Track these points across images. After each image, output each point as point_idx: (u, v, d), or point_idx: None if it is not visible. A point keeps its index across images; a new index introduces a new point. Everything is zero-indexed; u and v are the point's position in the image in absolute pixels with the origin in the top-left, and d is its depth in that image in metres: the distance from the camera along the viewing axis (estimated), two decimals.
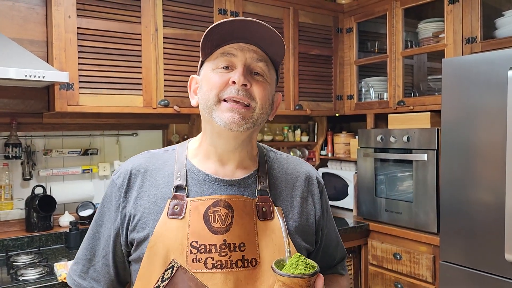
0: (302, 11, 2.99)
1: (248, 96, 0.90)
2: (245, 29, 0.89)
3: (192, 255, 0.87)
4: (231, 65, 0.91)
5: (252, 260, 0.89)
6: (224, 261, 0.87)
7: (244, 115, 0.89)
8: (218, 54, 0.92)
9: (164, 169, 0.98)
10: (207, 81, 0.93)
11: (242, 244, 0.89)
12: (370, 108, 3.05)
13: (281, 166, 1.03)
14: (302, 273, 0.79)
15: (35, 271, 1.96)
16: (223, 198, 0.92)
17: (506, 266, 1.93)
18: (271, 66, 0.96)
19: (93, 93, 2.25)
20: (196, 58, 2.55)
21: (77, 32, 2.19)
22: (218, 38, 0.91)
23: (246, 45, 0.92)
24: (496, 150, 1.97)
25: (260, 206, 0.94)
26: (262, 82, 0.92)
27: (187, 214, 0.90)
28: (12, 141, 2.32)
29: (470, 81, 2.08)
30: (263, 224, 0.92)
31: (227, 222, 0.90)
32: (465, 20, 2.43)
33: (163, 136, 2.91)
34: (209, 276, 0.86)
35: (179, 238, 0.89)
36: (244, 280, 0.88)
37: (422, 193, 2.54)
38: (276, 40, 0.91)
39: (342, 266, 1.15)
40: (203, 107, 0.94)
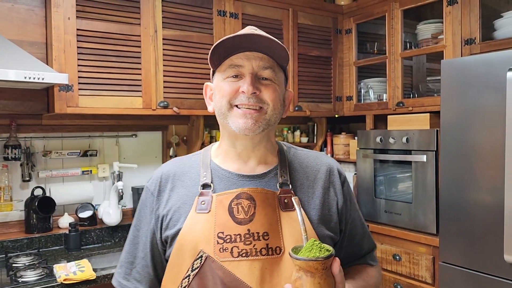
0: (302, 12, 2.99)
1: (259, 101, 0.96)
2: (249, 40, 0.95)
3: (219, 245, 0.93)
4: (239, 74, 0.97)
5: (276, 248, 0.94)
6: (249, 249, 0.93)
7: (257, 119, 0.96)
8: (227, 65, 0.98)
9: (191, 171, 1.05)
10: (219, 90, 1.00)
11: (266, 233, 0.94)
12: (369, 109, 3.06)
13: (302, 160, 1.08)
14: (316, 256, 0.81)
15: (35, 272, 1.96)
16: (245, 190, 0.98)
17: (505, 267, 1.93)
18: (278, 69, 1.01)
19: (93, 95, 2.25)
20: (195, 59, 2.56)
21: (76, 34, 2.19)
22: (224, 51, 0.97)
23: (252, 53, 0.97)
24: (495, 151, 1.97)
25: (282, 198, 0.99)
26: (271, 85, 0.98)
27: (213, 208, 0.97)
28: (11, 143, 2.32)
29: (469, 82, 2.08)
30: (286, 215, 0.97)
31: (250, 213, 0.96)
32: (464, 21, 2.43)
33: (163, 137, 2.91)
34: (236, 264, 0.92)
35: (207, 230, 0.95)
36: (269, 268, 0.93)
37: (421, 194, 2.55)
38: (279, 47, 0.96)
39: (371, 257, 1.17)
40: (218, 113, 1.01)
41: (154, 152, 2.89)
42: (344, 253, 1.10)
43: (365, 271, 1.12)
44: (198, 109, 2.58)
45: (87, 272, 1.95)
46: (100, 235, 2.56)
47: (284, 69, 1.04)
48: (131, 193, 2.78)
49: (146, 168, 2.84)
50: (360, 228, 1.14)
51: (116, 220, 2.55)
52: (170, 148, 2.91)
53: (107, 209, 2.54)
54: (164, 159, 2.91)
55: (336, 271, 0.84)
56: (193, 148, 2.88)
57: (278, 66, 1.01)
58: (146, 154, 2.85)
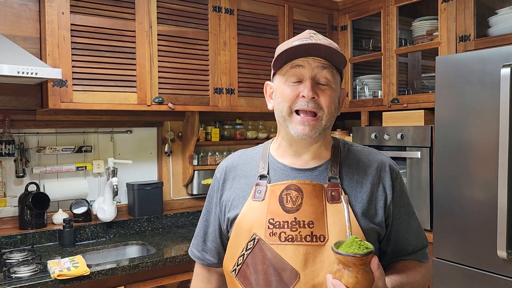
0: (297, 8, 2.99)
1: (316, 106, 1.04)
2: (309, 47, 1.03)
3: (269, 230, 1.04)
4: (300, 78, 1.06)
5: (321, 236, 1.03)
6: (294, 235, 1.03)
7: (314, 126, 1.05)
8: (288, 67, 1.07)
9: (252, 162, 1.18)
10: (280, 93, 1.09)
11: (311, 222, 1.03)
12: (365, 106, 3.06)
13: (355, 156, 1.15)
14: (354, 252, 0.87)
15: (28, 268, 1.95)
16: (294, 182, 1.08)
17: (498, 263, 1.95)
18: (335, 71, 1.08)
19: (87, 90, 2.24)
20: (190, 55, 2.55)
21: (70, 29, 2.18)
22: (286, 55, 1.06)
23: (311, 58, 1.05)
24: (489, 148, 1.98)
25: (329, 190, 1.07)
26: (328, 91, 1.06)
27: (267, 197, 1.08)
28: (5, 138, 2.30)
29: (464, 79, 2.08)
30: (332, 207, 1.05)
31: (297, 203, 1.05)
32: (458, 18, 2.44)
33: (158, 133, 2.90)
34: (282, 248, 1.02)
35: (260, 216, 1.07)
36: (313, 253, 1.02)
37: (415, 191, 2.56)
38: (337, 54, 1.04)
39: (422, 254, 1.19)
40: (278, 115, 1.11)
41: (149, 148, 2.88)
42: (392, 247, 1.14)
43: (412, 267, 1.14)
44: (193, 105, 2.57)
45: (81, 268, 1.94)
46: (95, 231, 2.56)
47: (340, 72, 1.11)
48: (126, 189, 2.78)
49: (141, 164, 2.84)
50: (409, 224, 1.16)
51: (111, 216, 2.54)
52: (165, 144, 2.90)
53: (102, 205, 2.54)
54: (159, 155, 2.90)
55: (374, 268, 0.89)
56: (188, 144, 2.87)
57: (335, 69, 1.08)
58: (141, 150, 2.85)
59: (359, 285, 0.87)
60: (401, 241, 1.15)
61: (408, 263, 1.15)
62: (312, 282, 1.00)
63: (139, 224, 2.72)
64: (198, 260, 1.26)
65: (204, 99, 2.61)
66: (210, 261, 1.23)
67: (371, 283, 0.89)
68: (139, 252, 2.51)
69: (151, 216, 2.75)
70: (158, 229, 2.78)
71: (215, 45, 2.64)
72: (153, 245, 2.45)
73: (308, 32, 1.10)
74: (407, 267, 1.13)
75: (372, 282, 0.89)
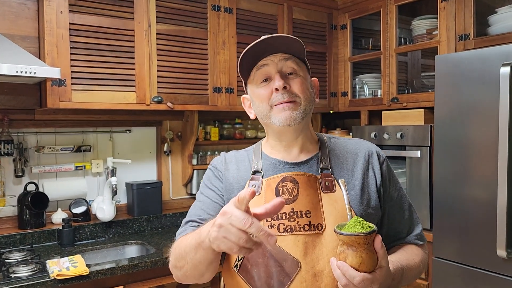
0: (296, 7, 2.98)
1: (291, 96, 1.08)
2: (266, 44, 1.06)
3: (268, 223, 1.06)
4: (268, 77, 1.10)
5: (318, 225, 1.05)
6: (293, 225, 1.05)
7: (294, 109, 1.08)
8: (254, 71, 1.12)
9: (245, 160, 1.21)
10: (256, 97, 1.13)
11: (308, 212, 1.06)
12: (364, 105, 3.06)
13: (342, 147, 1.19)
14: (358, 231, 0.87)
15: (27, 268, 1.95)
16: (289, 174, 1.10)
17: (497, 262, 1.95)
18: (298, 60, 1.12)
19: (86, 89, 2.24)
20: (189, 54, 2.55)
21: (69, 28, 2.18)
22: (248, 62, 1.10)
23: (273, 55, 1.09)
24: (488, 147, 1.98)
25: (323, 181, 1.10)
26: (296, 79, 1.10)
27: (263, 191, 1.11)
28: (4, 138, 2.30)
29: (463, 77, 2.08)
30: (327, 196, 1.09)
31: (293, 194, 1.08)
32: (458, 17, 2.43)
33: (157, 132, 2.90)
34: (282, 239, 1.03)
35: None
36: (312, 242, 1.04)
37: (415, 190, 2.55)
38: (293, 41, 1.07)
39: (417, 236, 1.21)
40: (261, 117, 1.14)
41: (148, 147, 2.88)
42: (387, 230, 1.17)
43: (410, 250, 1.17)
44: (193, 104, 2.57)
45: (80, 267, 1.94)
46: (94, 230, 2.55)
47: (304, 61, 1.15)
48: (125, 188, 2.77)
49: (140, 164, 2.83)
50: (401, 206, 1.20)
51: (110, 216, 2.54)
52: (165, 143, 2.90)
53: (101, 205, 2.53)
54: (158, 154, 2.90)
55: (378, 247, 0.90)
56: (187, 144, 2.87)
57: (298, 59, 1.12)
58: (140, 150, 2.84)
59: (364, 265, 0.88)
60: (395, 223, 1.18)
61: (405, 246, 1.18)
62: (313, 270, 1.02)
63: (138, 224, 2.71)
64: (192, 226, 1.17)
65: (203, 98, 2.60)
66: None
67: (375, 263, 0.89)
68: (138, 252, 2.51)
69: (150, 216, 2.75)
70: (157, 228, 2.78)
71: (214, 44, 2.63)
72: (152, 244, 2.44)
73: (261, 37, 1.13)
74: (405, 250, 1.16)
75: (376, 261, 0.90)
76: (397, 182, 1.23)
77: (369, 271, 0.88)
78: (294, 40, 1.07)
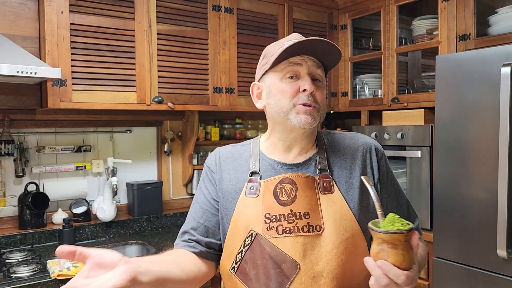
0: (297, 7, 2.98)
1: (314, 101, 1.08)
2: (309, 44, 1.06)
3: (266, 224, 1.06)
4: (296, 75, 1.09)
5: (317, 226, 1.05)
6: (291, 227, 1.04)
7: (315, 116, 1.08)
8: (285, 64, 1.09)
9: (242, 158, 1.19)
10: (278, 90, 1.10)
11: (307, 213, 1.06)
12: (365, 105, 3.06)
13: (339, 143, 1.18)
14: (400, 229, 0.86)
15: (28, 268, 1.95)
16: (287, 176, 1.10)
17: (498, 262, 1.95)
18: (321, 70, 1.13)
19: (86, 90, 2.24)
20: (190, 54, 2.55)
21: (69, 28, 2.18)
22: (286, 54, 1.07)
23: (307, 57, 1.09)
24: (489, 147, 1.98)
25: (321, 182, 1.10)
26: (321, 88, 1.11)
27: (261, 193, 1.10)
28: (4, 138, 2.30)
29: (464, 78, 2.08)
30: (325, 197, 1.08)
31: (292, 195, 1.08)
32: (458, 17, 2.43)
33: (157, 133, 2.90)
34: (280, 240, 1.04)
35: (256, 212, 1.08)
36: (310, 243, 1.04)
37: (415, 190, 2.55)
38: (334, 50, 1.08)
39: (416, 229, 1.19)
40: (277, 111, 1.11)
41: (149, 147, 2.88)
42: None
43: None
44: (193, 104, 2.57)
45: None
46: (94, 231, 2.55)
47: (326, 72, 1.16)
48: (126, 188, 2.77)
49: (140, 164, 2.83)
50: (398, 201, 1.20)
51: (111, 216, 2.54)
52: (165, 143, 2.90)
53: (101, 205, 2.53)
54: (159, 154, 2.90)
55: (415, 244, 0.88)
56: (188, 144, 2.87)
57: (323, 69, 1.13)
58: (140, 150, 2.84)
59: (405, 262, 0.86)
60: None
61: None
62: (312, 271, 1.02)
63: (138, 224, 2.71)
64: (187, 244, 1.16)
65: (203, 99, 2.60)
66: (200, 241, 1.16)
67: (413, 260, 0.89)
68: (139, 252, 2.51)
69: (151, 216, 2.75)
70: (157, 228, 2.78)
71: (215, 44, 2.63)
72: (152, 244, 2.44)
73: (296, 35, 1.14)
74: None
75: (413, 258, 0.89)
76: (394, 177, 1.23)
77: (408, 268, 0.87)
78: (337, 52, 1.09)
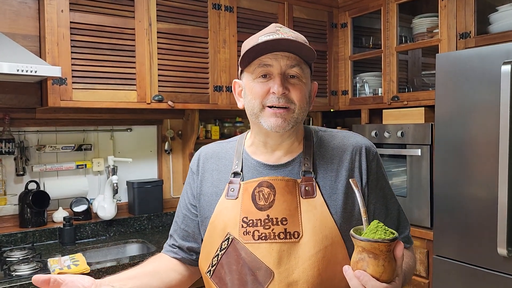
0: (297, 6, 2.98)
1: (287, 101, 1.02)
2: (278, 43, 1.00)
3: (243, 229, 1.03)
4: (268, 74, 1.03)
5: (295, 233, 1.00)
6: (267, 233, 1.01)
7: (286, 118, 1.02)
8: (256, 65, 1.04)
9: (226, 157, 1.16)
10: (250, 91, 1.06)
11: (284, 219, 1.01)
12: (365, 104, 3.06)
13: (328, 143, 1.11)
14: (382, 238, 0.80)
15: (29, 266, 1.95)
16: (266, 179, 1.05)
17: (498, 260, 1.95)
18: (304, 65, 1.05)
19: (87, 88, 2.24)
20: (190, 53, 2.55)
21: (70, 27, 2.18)
22: (253, 52, 1.02)
23: (280, 53, 1.02)
24: (489, 145, 1.98)
25: (303, 185, 1.05)
26: (298, 85, 1.03)
27: (240, 195, 1.06)
28: (5, 137, 2.30)
29: (464, 76, 2.08)
30: (306, 202, 1.03)
31: (269, 200, 1.03)
32: (459, 15, 2.43)
33: (158, 131, 2.90)
34: (256, 246, 1.01)
35: (234, 215, 1.05)
36: (287, 251, 1.00)
37: (416, 188, 2.55)
38: (305, 47, 1.01)
39: (405, 239, 1.14)
40: (249, 113, 1.08)
41: (149, 146, 2.88)
42: None
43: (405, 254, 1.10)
44: (193, 103, 2.57)
45: (82, 266, 1.95)
46: (95, 229, 2.56)
47: (310, 64, 1.08)
48: (126, 187, 2.78)
49: (141, 163, 2.84)
50: (388, 208, 1.12)
51: (111, 214, 2.54)
52: (165, 142, 2.90)
53: (102, 203, 2.54)
54: (159, 153, 2.90)
55: (398, 255, 0.84)
56: (188, 142, 2.87)
57: (304, 63, 1.05)
58: (141, 148, 2.84)
59: (385, 274, 0.81)
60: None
61: None
62: (286, 280, 0.98)
63: (139, 222, 2.72)
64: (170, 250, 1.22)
65: (204, 97, 2.60)
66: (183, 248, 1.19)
67: (394, 271, 0.83)
68: (139, 250, 2.51)
69: (151, 214, 2.75)
70: (158, 227, 2.78)
71: (215, 43, 2.63)
72: (153, 243, 2.45)
73: (274, 26, 1.07)
74: None
75: (395, 270, 0.84)
76: (385, 180, 1.14)
77: (389, 281, 0.82)
78: (307, 47, 1.01)
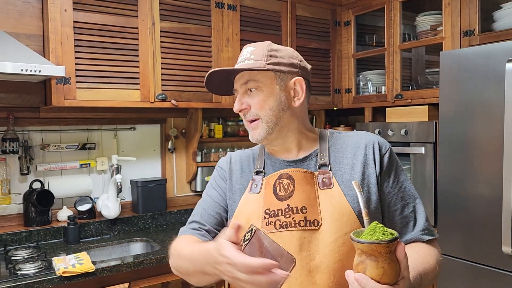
0: (300, 4, 2.97)
1: (252, 114, 1.12)
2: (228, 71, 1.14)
3: (265, 220, 1.08)
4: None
5: (314, 221, 1.05)
6: (288, 221, 1.06)
7: (256, 128, 1.13)
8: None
9: (250, 159, 1.24)
10: None
11: (304, 208, 1.06)
12: (368, 102, 3.05)
13: (343, 141, 1.18)
14: (379, 239, 0.78)
15: (33, 265, 1.96)
16: (285, 171, 1.12)
17: (503, 259, 1.94)
18: (261, 73, 1.11)
19: (90, 87, 2.24)
20: (193, 52, 2.55)
21: (73, 26, 2.18)
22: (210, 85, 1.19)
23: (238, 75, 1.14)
24: (494, 143, 1.97)
25: (320, 177, 1.11)
26: (255, 95, 1.12)
27: (263, 189, 1.13)
28: (9, 136, 2.31)
29: (468, 74, 2.07)
30: (324, 192, 1.08)
31: (289, 190, 1.09)
32: (463, 12, 2.42)
33: (161, 130, 2.90)
34: (278, 235, 1.05)
35: (256, 208, 1.11)
36: (307, 238, 1.04)
37: (420, 186, 2.55)
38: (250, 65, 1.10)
39: (424, 231, 1.13)
40: None
41: (153, 145, 2.89)
42: (389, 225, 1.09)
43: (422, 249, 1.09)
44: (197, 101, 2.57)
45: (86, 264, 1.95)
46: (99, 228, 2.57)
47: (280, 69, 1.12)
48: (130, 186, 2.78)
49: (144, 161, 2.84)
50: (403, 198, 1.13)
51: (115, 213, 2.55)
52: (169, 141, 2.90)
53: (106, 202, 2.54)
54: (163, 152, 2.91)
55: (401, 256, 0.82)
56: (191, 141, 2.87)
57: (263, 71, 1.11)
58: (144, 147, 2.85)
59: (386, 276, 0.79)
60: (395, 217, 1.12)
61: (417, 246, 1.10)
62: (308, 266, 1.02)
63: (143, 221, 2.72)
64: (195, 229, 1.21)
65: (207, 96, 2.60)
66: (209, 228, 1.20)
67: (398, 273, 0.81)
68: (144, 249, 2.52)
69: (155, 213, 2.76)
70: (162, 225, 2.79)
71: (218, 42, 2.63)
72: (157, 241, 2.45)
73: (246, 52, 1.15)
74: (417, 252, 1.07)
75: (399, 272, 0.81)
76: (402, 174, 1.15)
77: (391, 283, 0.79)
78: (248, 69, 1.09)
